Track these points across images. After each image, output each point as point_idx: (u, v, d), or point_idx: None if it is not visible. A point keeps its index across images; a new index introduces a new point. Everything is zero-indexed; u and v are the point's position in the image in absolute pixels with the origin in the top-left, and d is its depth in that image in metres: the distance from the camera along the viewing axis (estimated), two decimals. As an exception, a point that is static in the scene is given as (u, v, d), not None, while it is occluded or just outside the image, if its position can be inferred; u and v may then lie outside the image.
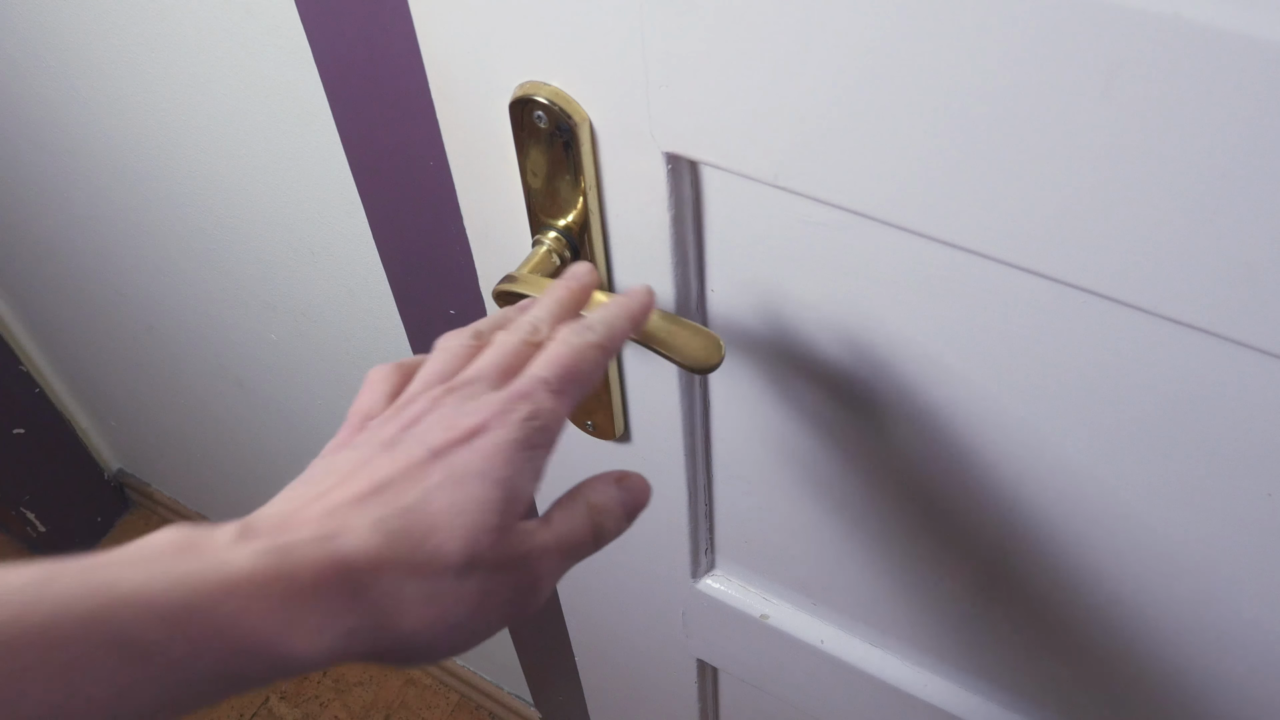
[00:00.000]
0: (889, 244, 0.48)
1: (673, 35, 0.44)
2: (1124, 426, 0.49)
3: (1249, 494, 0.47)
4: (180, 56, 0.83)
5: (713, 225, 0.54)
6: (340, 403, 1.17)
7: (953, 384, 0.53)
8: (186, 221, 1.04)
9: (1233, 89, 0.34)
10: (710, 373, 0.53)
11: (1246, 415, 0.44)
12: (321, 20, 0.66)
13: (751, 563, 0.76)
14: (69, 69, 0.94)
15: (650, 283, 0.57)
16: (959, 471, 0.57)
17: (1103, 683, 0.64)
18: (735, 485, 0.70)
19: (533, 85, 0.51)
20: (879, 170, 0.44)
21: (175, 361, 1.36)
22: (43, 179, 1.15)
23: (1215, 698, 0.59)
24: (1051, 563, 0.58)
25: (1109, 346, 0.46)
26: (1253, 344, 0.40)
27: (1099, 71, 0.36)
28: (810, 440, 0.62)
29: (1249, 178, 0.36)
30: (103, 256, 1.23)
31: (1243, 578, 0.51)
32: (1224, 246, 0.38)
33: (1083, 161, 0.39)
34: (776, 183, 0.47)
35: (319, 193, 0.86)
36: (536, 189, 0.56)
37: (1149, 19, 0.34)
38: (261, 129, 0.84)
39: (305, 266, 0.98)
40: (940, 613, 0.68)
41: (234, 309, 1.14)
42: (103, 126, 0.99)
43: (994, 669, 0.69)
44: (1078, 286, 0.43)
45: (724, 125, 0.46)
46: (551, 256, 0.58)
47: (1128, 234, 0.40)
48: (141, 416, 1.64)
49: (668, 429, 0.66)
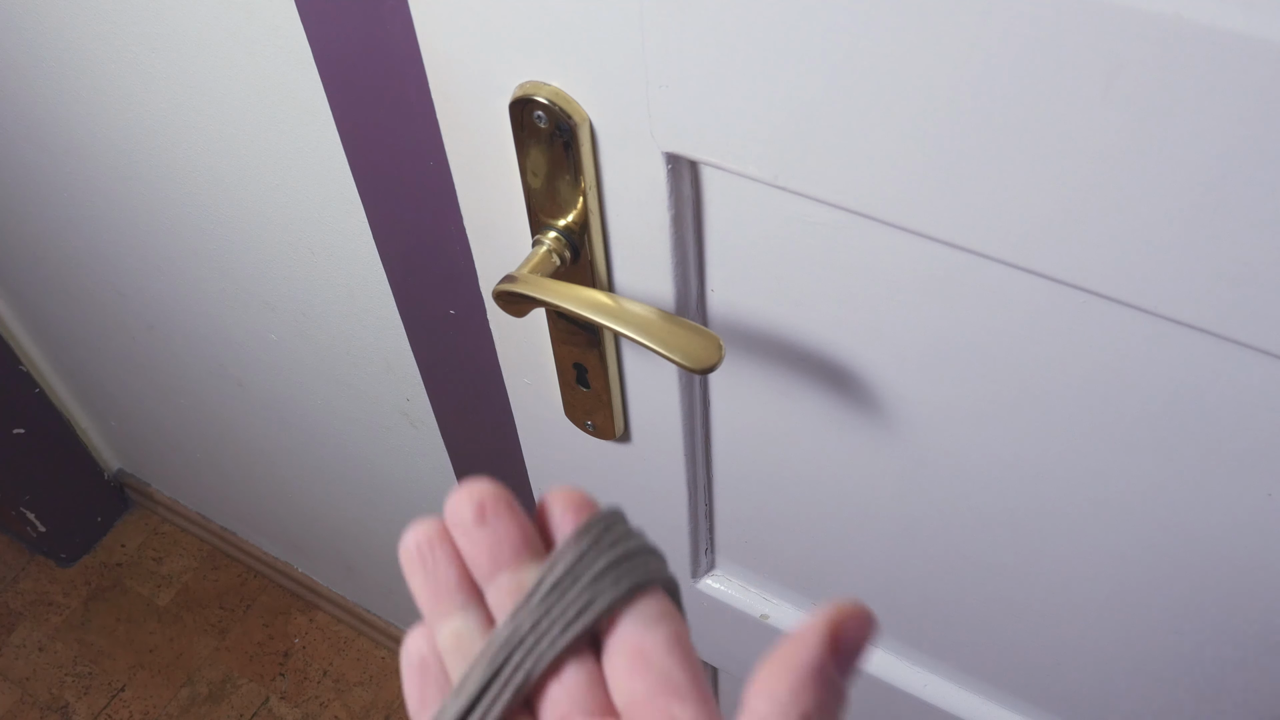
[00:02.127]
0: (889, 244, 0.48)
1: (673, 35, 0.44)
2: (1124, 426, 0.49)
3: (1249, 494, 0.47)
4: (180, 56, 0.83)
5: (713, 225, 0.54)
6: (340, 402, 1.17)
7: (952, 384, 0.53)
8: (186, 221, 1.04)
9: (1233, 89, 0.34)
10: (710, 373, 0.53)
11: (1246, 415, 0.44)
12: (321, 20, 0.66)
13: (751, 563, 0.76)
14: (69, 69, 0.94)
15: (650, 283, 0.57)
16: (959, 471, 0.57)
17: (1102, 682, 0.64)
18: (735, 485, 0.70)
19: (533, 85, 0.51)
20: (879, 170, 0.44)
21: (175, 361, 1.36)
22: (43, 179, 1.15)
23: (1215, 697, 0.59)
24: (1052, 562, 0.58)
25: (1109, 346, 0.46)
26: (1253, 344, 0.40)
27: (1099, 72, 0.36)
28: (810, 440, 0.62)
29: (1249, 178, 0.36)
30: (103, 256, 1.23)
31: (1243, 577, 0.51)
32: (1224, 246, 0.38)
33: (1083, 162, 0.39)
34: (776, 183, 0.47)
35: (319, 192, 0.86)
36: (536, 189, 0.56)
37: (1149, 19, 0.34)
38: (261, 129, 0.84)
39: (305, 266, 0.98)
40: (940, 613, 0.68)
41: (234, 309, 1.14)
42: (103, 126, 0.99)
43: (994, 669, 0.69)
44: (1077, 286, 0.43)
45: (724, 125, 0.46)
46: (551, 256, 0.58)
47: (1128, 234, 0.40)
48: (141, 416, 1.64)
49: (668, 429, 0.66)
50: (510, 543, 0.33)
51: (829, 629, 0.27)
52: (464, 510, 0.33)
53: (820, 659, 0.27)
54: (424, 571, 0.33)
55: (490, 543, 0.33)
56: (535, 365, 0.69)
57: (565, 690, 0.31)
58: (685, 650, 0.31)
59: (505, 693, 0.31)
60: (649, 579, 0.32)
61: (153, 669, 1.76)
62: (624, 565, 0.32)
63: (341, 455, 1.29)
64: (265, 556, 1.80)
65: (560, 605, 0.31)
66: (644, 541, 0.33)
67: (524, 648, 0.31)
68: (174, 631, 1.80)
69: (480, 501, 0.33)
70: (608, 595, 0.31)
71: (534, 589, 0.32)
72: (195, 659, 1.76)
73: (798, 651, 0.27)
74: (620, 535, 0.32)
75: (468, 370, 0.90)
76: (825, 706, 0.27)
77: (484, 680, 0.31)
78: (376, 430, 1.17)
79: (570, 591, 0.31)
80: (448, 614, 0.33)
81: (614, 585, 0.31)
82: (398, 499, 1.29)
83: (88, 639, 1.80)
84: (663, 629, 0.31)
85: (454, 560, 0.33)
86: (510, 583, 0.33)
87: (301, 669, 1.74)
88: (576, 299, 0.54)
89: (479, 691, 0.31)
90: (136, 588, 1.86)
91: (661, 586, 0.33)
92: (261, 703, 1.72)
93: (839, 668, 0.27)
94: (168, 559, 1.89)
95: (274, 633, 1.78)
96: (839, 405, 0.58)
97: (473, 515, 0.33)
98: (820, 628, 0.27)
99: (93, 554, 1.90)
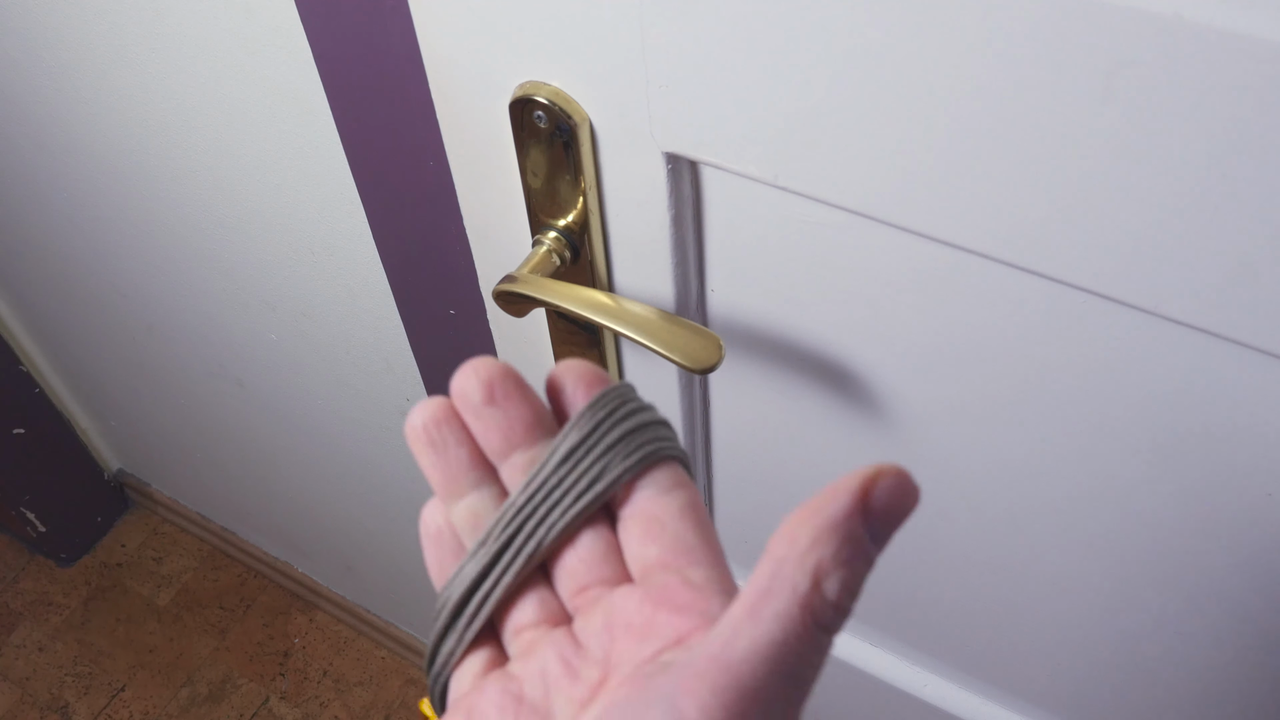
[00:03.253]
0: (889, 244, 0.48)
1: (672, 35, 0.44)
2: (1124, 426, 0.49)
3: (1249, 494, 0.47)
4: (180, 56, 0.83)
5: (713, 225, 0.54)
6: (340, 402, 1.17)
7: (952, 383, 0.53)
8: (186, 221, 1.04)
9: (1233, 89, 0.34)
10: (710, 373, 0.53)
11: (1246, 415, 0.44)
12: (321, 20, 0.66)
13: (751, 563, 0.76)
14: (69, 69, 0.94)
15: (650, 283, 0.57)
16: (958, 471, 0.57)
17: (1102, 682, 0.64)
18: (735, 485, 0.70)
19: (533, 85, 0.51)
20: (879, 170, 0.44)
21: (175, 361, 1.36)
22: (43, 179, 1.15)
23: (1215, 697, 0.59)
24: (1051, 562, 0.58)
25: (1109, 346, 0.46)
26: (1253, 344, 0.40)
27: (1099, 72, 0.36)
28: (810, 440, 0.62)
29: (1249, 178, 0.36)
30: (103, 256, 1.23)
31: (1243, 577, 0.51)
32: (1223, 246, 0.38)
33: (1082, 161, 0.39)
34: (776, 183, 0.47)
35: (319, 192, 0.86)
36: (536, 189, 0.56)
37: (1149, 19, 0.34)
38: (261, 129, 0.84)
39: (305, 266, 0.98)
40: (940, 612, 0.68)
41: (234, 309, 1.14)
42: (103, 126, 0.99)
43: (994, 669, 0.69)
44: (1077, 286, 0.43)
45: (724, 125, 0.46)
46: (551, 256, 0.58)
47: (1127, 234, 0.40)
48: (141, 416, 1.64)
49: (668, 429, 0.66)
50: (523, 422, 0.33)
51: (861, 485, 0.26)
52: (472, 390, 0.33)
53: (845, 511, 0.26)
54: (434, 452, 0.33)
55: (502, 423, 0.33)
56: (535, 365, 0.69)
57: (580, 559, 0.32)
58: (699, 516, 0.32)
59: (518, 559, 0.32)
60: (662, 450, 0.32)
61: (153, 669, 1.76)
62: (637, 436, 0.32)
63: (341, 455, 1.29)
64: (265, 556, 1.80)
65: (574, 475, 0.32)
66: (656, 415, 0.33)
67: (537, 516, 0.32)
68: (174, 631, 1.80)
69: (488, 381, 0.33)
70: (620, 465, 0.31)
71: (547, 459, 0.32)
72: (195, 659, 1.76)
73: (825, 503, 0.26)
74: (634, 408, 0.33)
75: (468, 370, 0.90)
76: (844, 561, 0.26)
77: (498, 547, 0.32)
78: (376, 430, 1.17)
79: (583, 462, 0.32)
80: (462, 493, 0.33)
81: (627, 456, 0.32)
82: (398, 499, 1.29)
83: (88, 639, 1.80)
84: (676, 496, 0.32)
85: (464, 440, 0.33)
86: (524, 460, 0.33)
87: (301, 669, 1.74)
88: (576, 299, 0.54)
89: (493, 558, 0.32)
90: (136, 588, 1.86)
91: (675, 458, 0.33)
92: (261, 703, 1.72)
93: (868, 526, 0.26)
94: (168, 559, 1.89)
95: (274, 633, 1.78)
96: (839, 405, 0.58)
97: (482, 396, 0.33)
98: (852, 483, 0.26)
99: (93, 554, 1.90)
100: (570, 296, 0.54)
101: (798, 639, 0.26)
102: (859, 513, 0.26)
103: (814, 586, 0.26)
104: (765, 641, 0.26)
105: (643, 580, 0.31)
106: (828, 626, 0.27)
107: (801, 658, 0.27)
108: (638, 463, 0.32)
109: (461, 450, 0.33)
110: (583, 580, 0.32)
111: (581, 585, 0.32)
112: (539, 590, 0.32)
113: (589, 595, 0.32)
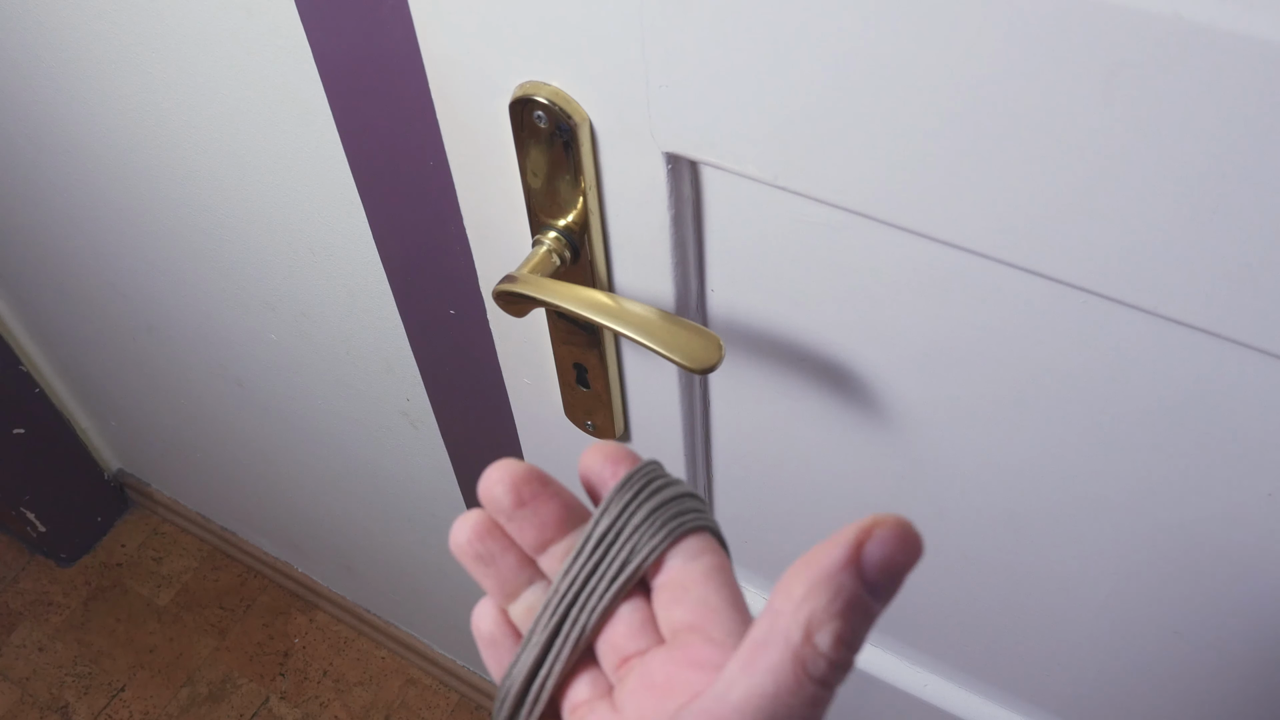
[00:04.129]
0: (888, 244, 0.48)
1: (672, 35, 0.44)
2: (1124, 426, 0.49)
3: (1249, 494, 0.47)
4: (180, 56, 0.83)
5: (713, 225, 0.54)
6: (340, 403, 1.17)
7: (952, 383, 0.53)
8: (186, 221, 1.04)
9: (1233, 89, 0.34)
10: (710, 373, 0.53)
11: (1246, 415, 0.44)
12: (321, 20, 0.66)
13: (751, 563, 0.76)
14: (69, 69, 0.94)
15: (650, 283, 0.57)
16: (958, 471, 0.57)
17: (1102, 682, 0.64)
18: (735, 485, 0.70)
19: (533, 85, 0.51)
20: (879, 170, 0.44)
21: (175, 361, 1.36)
22: (43, 179, 1.15)
23: (1215, 697, 0.59)
24: (1051, 562, 0.58)
25: (1109, 346, 0.46)
26: (1253, 344, 0.40)
27: (1099, 72, 0.36)
28: (810, 440, 0.62)
29: (1249, 178, 0.36)
30: (103, 256, 1.23)
31: (1243, 577, 0.51)
32: (1224, 246, 0.38)
33: (1082, 161, 0.39)
34: (776, 183, 0.47)
35: (319, 192, 0.86)
36: (536, 189, 0.56)
37: (1149, 19, 0.34)
38: (261, 129, 0.84)
39: (305, 266, 0.98)
40: (940, 613, 0.68)
41: (234, 309, 1.14)
42: (103, 126, 0.99)
43: (994, 669, 0.69)
44: (1077, 286, 0.43)
45: (724, 125, 0.46)
46: (551, 256, 0.58)
47: (1128, 234, 0.40)
48: (141, 416, 1.64)
49: (668, 429, 0.66)
50: (554, 517, 0.35)
51: (855, 537, 0.27)
52: (501, 496, 0.35)
53: (838, 564, 0.27)
54: (483, 565, 0.35)
55: (534, 522, 0.35)
56: (535, 365, 0.69)
57: (619, 634, 0.34)
58: (724, 578, 0.33)
59: (565, 648, 0.34)
60: (686, 524, 0.34)
61: (153, 669, 1.76)
62: (663, 513, 0.34)
63: (341, 455, 1.29)
64: (265, 556, 1.80)
65: (608, 559, 0.34)
66: (683, 488, 0.35)
67: (580, 603, 0.34)
68: (174, 631, 1.80)
69: (514, 487, 0.35)
70: (648, 545, 0.33)
71: (581, 547, 0.34)
72: (195, 659, 1.76)
73: (820, 555, 0.27)
74: (658, 485, 0.34)
75: (468, 370, 0.90)
76: (837, 613, 0.27)
77: (547, 635, 0.34)
78: (376, 430, 1.17)
79: (614, 546, 0.34)
80: (516, 593, 0.36)
81: (654, 534, 0.33)
82: (398, 499, 1.29)
83: (88, 639, 1.80)
84: (701, 562, 0.33)
85: (509, 547, 0.36)
86: (561, 550, 0.35)
87: (301, 669, 1.74)
88: (576, 299, 0.54)
89: (544, 648, 0.34)
90: (136, 588, 1.86)
91: (703, 528, 0.34)
92: (261, 703, 1.72)
93: (863, 578, 0.27)
94: (168, 559, 1.89)
95: (274, 633, 1.78)
96: (839, 405, 0.58)
97: (511, 501, 0.35)
98: (848, 535, 0.27)
99: (93, 554, 1.90)
100: (570, 296, 0.54)
101: (789, 691, 0.27)
102: (852, 564, 0.27)
103: (805, 639, 0.27)
104: (757, 693, 0.27)
105: (671, 642, 0.33)
106: (822, 679, 0.27)
107: (794, 711, 0.27)
108: (663, 540, 0.33)
109: (509, 557, 0.36)
110: (624, 652, 0.33)
111: (623, 657, 0.33)
112: (589, 670, 0.35)
113: (629, 665, 0.33)
